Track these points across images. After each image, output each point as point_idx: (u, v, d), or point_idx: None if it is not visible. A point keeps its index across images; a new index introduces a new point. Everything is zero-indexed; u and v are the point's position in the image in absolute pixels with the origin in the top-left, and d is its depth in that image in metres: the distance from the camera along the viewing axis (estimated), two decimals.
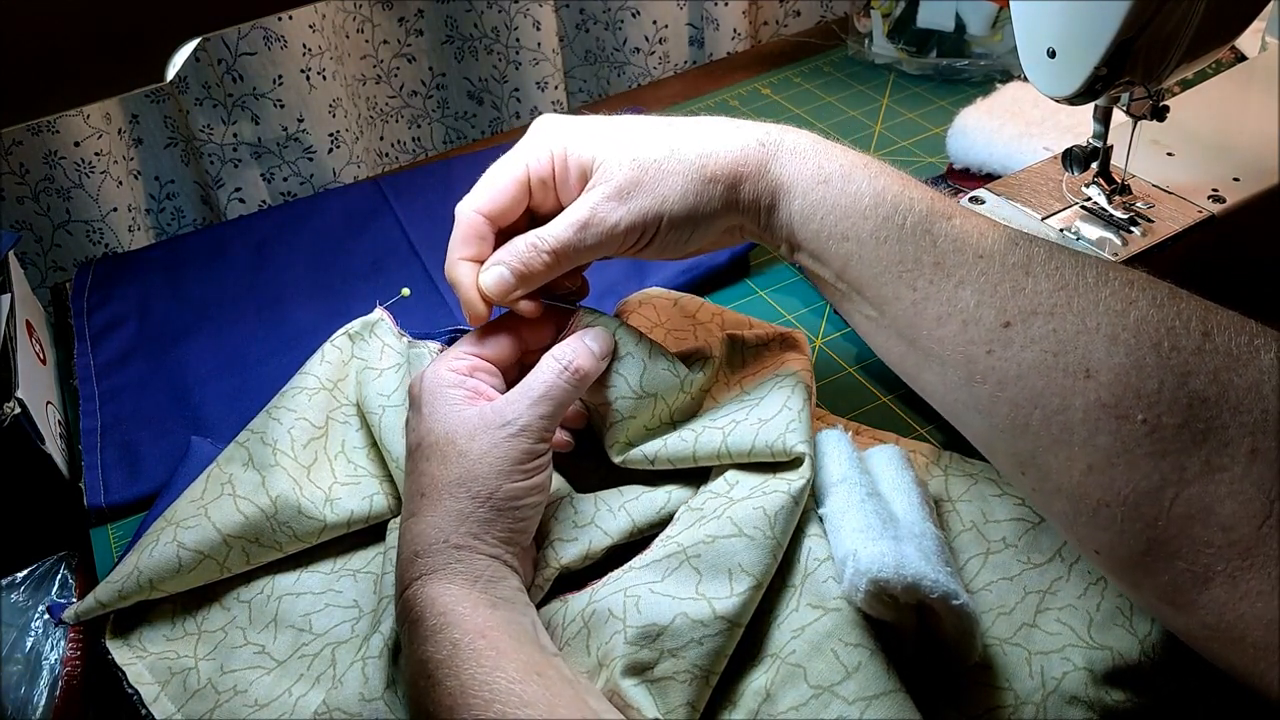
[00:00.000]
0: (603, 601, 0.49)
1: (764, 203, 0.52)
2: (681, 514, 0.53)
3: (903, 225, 0.49)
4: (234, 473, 0.58)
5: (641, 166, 0.52)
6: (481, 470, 0.49)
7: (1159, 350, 0.42)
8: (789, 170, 0.51)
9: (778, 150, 0.52)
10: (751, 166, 0.52)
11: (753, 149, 0.52)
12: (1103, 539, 0.43)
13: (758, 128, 0.53)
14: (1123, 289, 0.44)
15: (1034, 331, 0.44)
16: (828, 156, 0.51)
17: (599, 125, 0.54)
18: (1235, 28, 0.56)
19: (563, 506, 0.55)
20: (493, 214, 0.55)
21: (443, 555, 0.48)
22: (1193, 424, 0.40)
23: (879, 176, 0.50)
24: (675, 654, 0.47)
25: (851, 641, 0.47)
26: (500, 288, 0.53)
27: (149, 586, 0.54)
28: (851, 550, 0.48)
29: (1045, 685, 0.47)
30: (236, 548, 0.56)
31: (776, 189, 0.52)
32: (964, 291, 0.47)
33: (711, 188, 0.52)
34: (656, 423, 0.56)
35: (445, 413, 0.50)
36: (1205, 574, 0.40)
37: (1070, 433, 0.43)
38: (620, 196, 0.52)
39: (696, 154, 0.52)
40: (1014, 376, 0.45)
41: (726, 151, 0.52)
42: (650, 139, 0.53)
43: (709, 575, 0.49)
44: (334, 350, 0.64)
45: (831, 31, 1.07)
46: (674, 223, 0.52)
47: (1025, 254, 0.46)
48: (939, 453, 0.59)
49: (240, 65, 0.95)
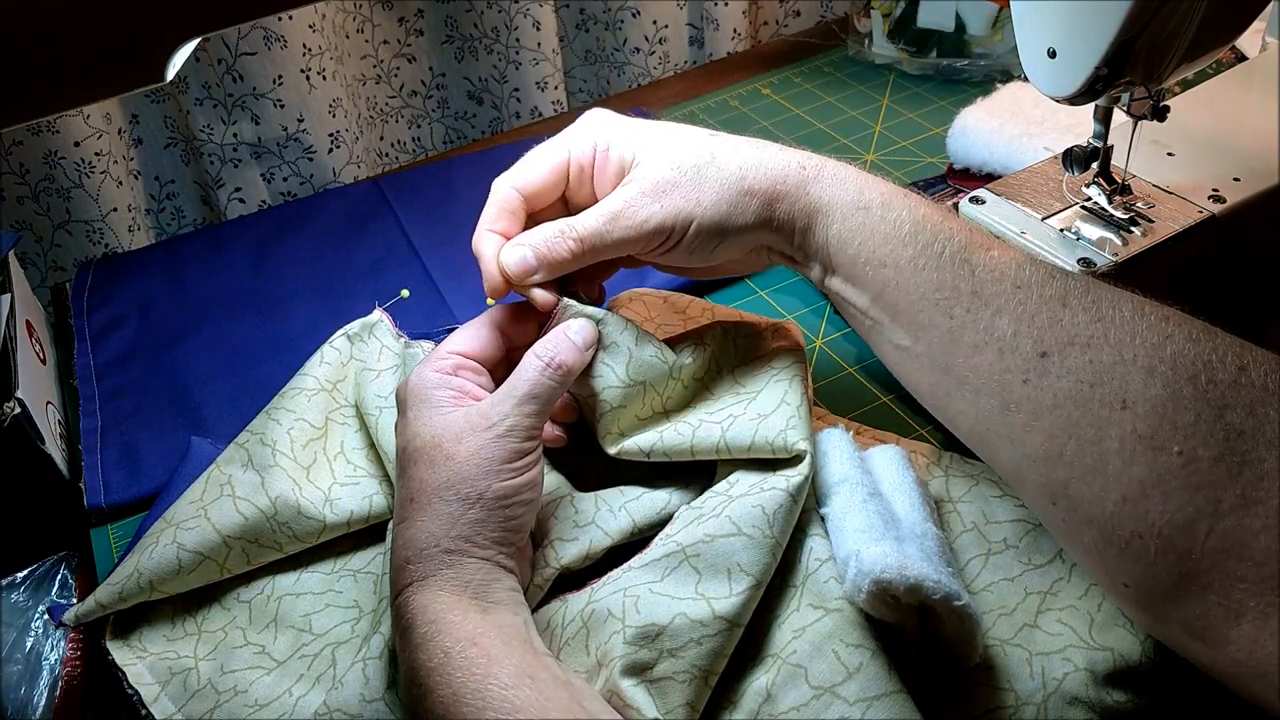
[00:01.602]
0: (602, 601, 0.49)
1: (799, 224, 0.52)
2: (681, 512, 0.53)
3: (941, 254, 0.49)
4: (233, 474, 0.58)
5: (680, 169, 0.52)
6: (470, 472, 0.48)
7: (1195, 383, 0.42)
8: (829, 193, 0.52)
9: (819, 174, 0.52)
10: (791, 185, 0.52)
11: (794, 169, 0.52)
12: (1134, 571, 0.43)
13: (801, 152, 0.54)
14: (1159, 324, 0.44)
15: (1070, 362, 0.45)
16: (869, 184, 0.52)
17: (645, 126, 0.55)
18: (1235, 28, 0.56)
19: (563, 506, 0.54)
20: (528, 192, 0.54)
21: (434, 561, 0.47)
22: (1229, 457, 0.40)
23: (919, 206, 0.51)
24: (674, 654, 0.46)
25: (853, 642, 0.47)
26: (521, 268, 0.52)
27: (149, 588, 0.54)
28: (854, 551, 0.48)
29: (1046, 686, 0.47)
30: (236, 549, 0.56)
31: (814, 211, 0.52)
32: (1001, 320, 0.47)
33: (747, 200, 0.52)
34: (649, 412, 0.55)
35: (431, 416, 0.50)
36: (1238, 609, 0.40)
37: (1105, 463, 0.43)
38: (655, 194, 0.52)
39: (737, 165, 0.52)
40: (1049, 406, 0.45)
41: (767, 168, 0.52)
42: (693, 145, 0.53)
43: (708, 575, 0.49)
44: (333, 351, 0.64)
45: (831, 31, 1.07)
46: (703, 228, 0.52)
47: (1062, 287, 0.47)
48: (939, 453, 0.59)
49: (240, 65, 0.95)
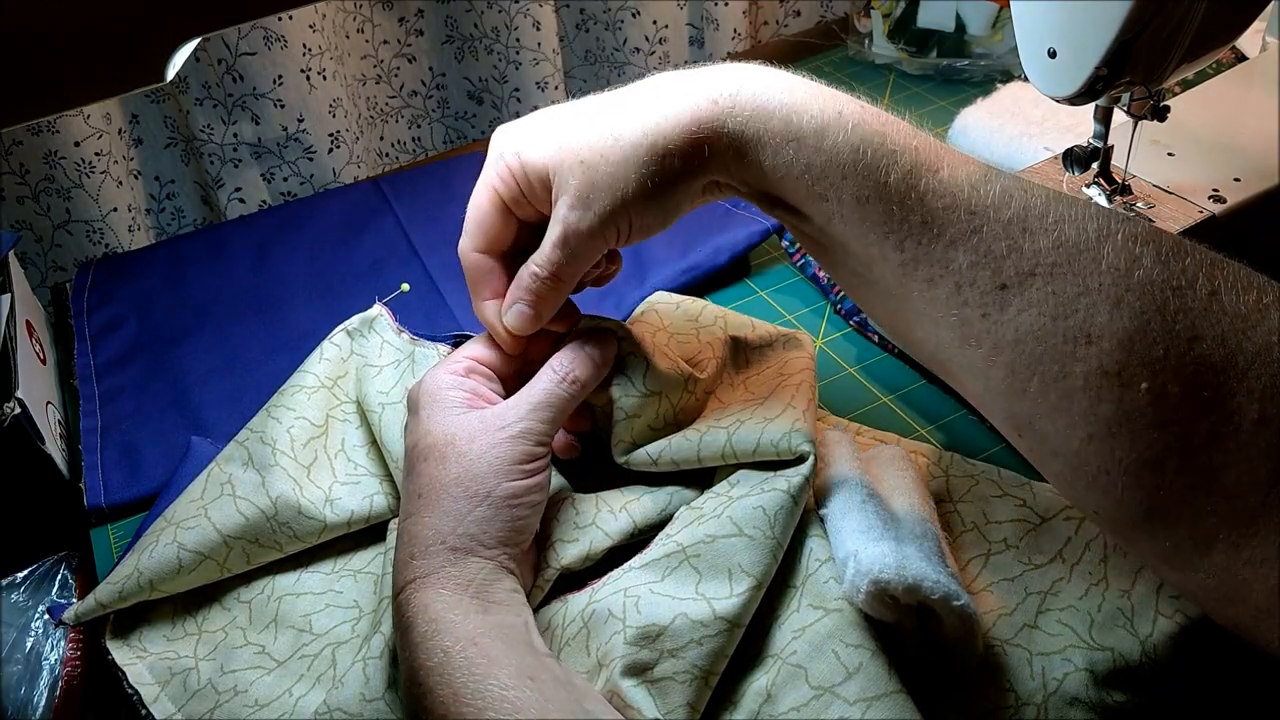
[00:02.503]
0: (602, 602, 0.49)
1: (730, 162, 0.48)
2: (681, 512, 0.53)
3: (885, 183, 0.44)
4: (234, 473, 0.58)
5: (588, 165, 0.49)
6: (480, 469, 0.48)
7: (1164, 313, 0.40)
8: (751, 128, 0.47)
9: (734, 105, 0.47)
10: (706, 129, 0.47)
11: (705, 110, 0.47)
12: (1102, 503, 0.42)
13: (710, 81, 0.48)
14: (1125, 244, 0.41)
15: (1032, 294, 0.42)
16: (796, 109, 0.46)
17: (545, 127, 0.51)
18: (1235, 28, 0.56)
19: (564, 507, 0.54)
20: (487, 248, 0.54)
21: (437, 558, 0.47)
22: (1198, 391, 0.39)
23: (858, 128, 0.45)
24: (675, 654, 0.46)
25: (853, 642, 0.46)
26: (524, 323, 0.52)
27: (149, 587, 0.54)
28: (853, 551, 0.48)
29: (1046, 686, 0.47)
30: (236, 548, 0.55)
31: (740, 147, 0.47)
32: (956, 252, 0.43)
33: (667, 162, 0.48)
34: (661, 422, 0.56)
35: (444, 415, 0.50)
36: (1207, 539, 0.39)
37: (1070, 400, 0.41)
38: (582, 203, 0.49)
39: (641, 133, 0.48)
40: (1010, 341, 0.43)
41: (674, 122, 0.47)
42: (592, 130, 0.49)
43: (709, 575, 0.49)
44: (333, 348, 0.64)
45: (831, 31, 1.07)
46: (641, 209, 0.49)
47: (1021, 206, 0.43)
48: (940, 453, 0.59)
49: (240, 65, 0.95)
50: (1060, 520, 0.53)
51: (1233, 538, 0.39)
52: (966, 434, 0.62)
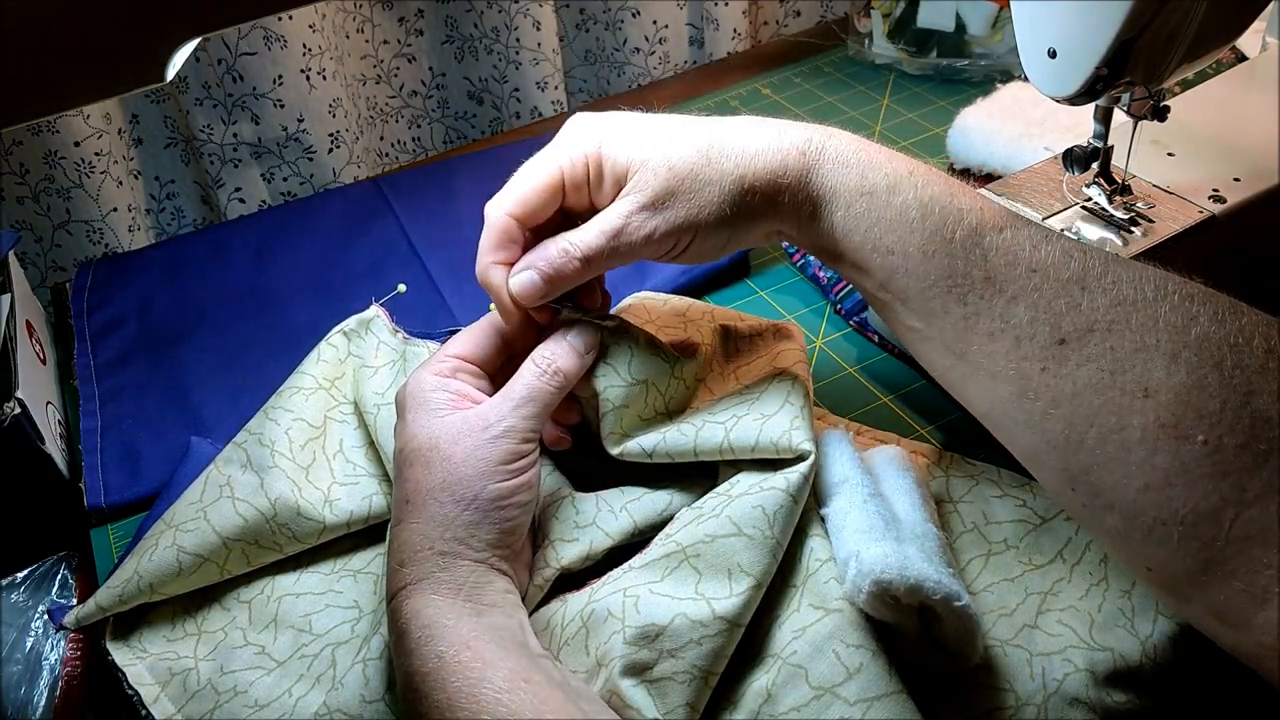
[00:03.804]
0: (602, 601, 0.49)
1: (804, 212, 0.51)
2: (681, 513, 0.53)
3: (951, 239, 0.47)
4: (232, 474, 0.58)
5: (676, 175, 0.50)
6: (466, 473, 0.48)
7: (1221, 369, 0.41)
8: (830, 180, 0.50)
9: (819, 159, 0.50)
10: (791, 177, 0.50)
11: (793, 158, 0.50)
12: (1157, 556, 0.42)
13: (800, 133, 0.51)
14: (1182, 303, 0.43)
15: (1090, 349, 0.43)
16: (872, 166, 0.49)
17: (635, 127, 0.52)
18: (1235, 28, 0.56)
19: (563, 506, 0.54)
20: (523, 217, 0.52)
21: (428, 563, 0.47)
22: (1255, 444, 0.40)
23: (926, 186, 0.48)
24: (674, 654, 0.46)
25: (853, 643, 0.46)
26: (530, 291, 0.51)
27: (149, 590, 0.54)
28: (854, 551, 0.48)
29: (1046, 687, 0.47)
30: (236, 550, 0.55)
31: (818, 199, 0.50)
32: (1017, 307, 0.45)
33: (749, 198, 0.50)
34: (651, 413, 0.55)
35: (428, 418, 0.50)
36: (1263, 595, 0.39)
37: (1127, 451, 0.42)
38: (655, 206, 0.50)
39: (734, 163, 0.50)
40: (1069, 394, 0.44)
41: (765, 161, 0.50)
42: (687, 143, 0.51)
43: (708, 575, 0.49)
44: (330, 349, 0.64)
45: (831, 31, 1.07)
46: (708, 233, 0.51)
47: (1080, 267, 0.45)
48: (940, 453, 0.59)
49: (240, 65, 0.95)
50: (1060, 520, 0.53)
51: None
52: (966, 434, 0.62)
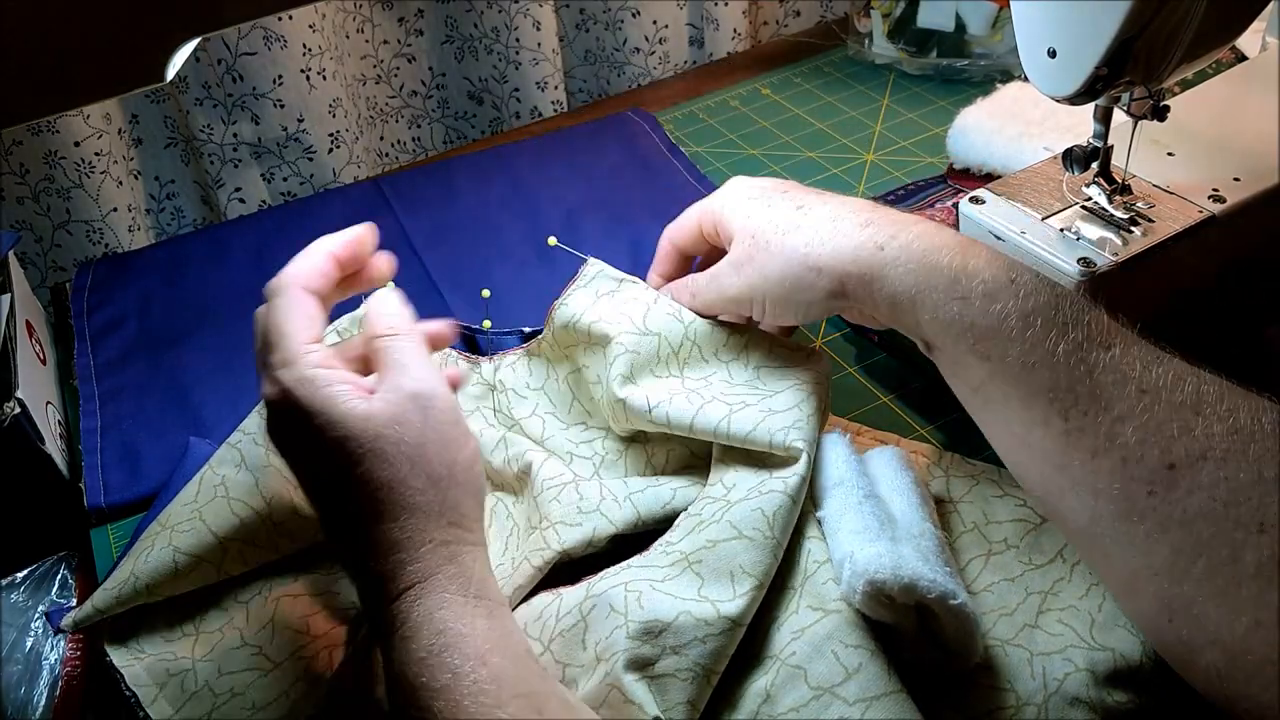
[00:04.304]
0: (602, 596, 0.49)
1: (881, 305, 0.51)
2: (681, 520, 0.53)
3: (1054, 351, 0.45)
4: (227, 474, 0.57)
5: (755, 244, 0.55)
6: (431, 450, 0.46)
7: None
8: (915, 280, 0.49)
9: (902, 257, 0.49)
10: (863, 267, 0.50)
11: (867, 251, 0.50)
12: (1260, 697, 0.40)
13: (887, 226, 0.51)
14: None
15: (1203, 477, 0.41)
16: (968, 271, 0.48)
17: (751, 196, 0.58)
18: (1235, 28, 0.56)
19: (566, 491, 0.54)
20: (679, 244, 0.63)
21: (433, 557, 0.45)
22: None
23: (1029, 297, 0.46)
24: (678, 651, 0.46)
25: (852, 643, 0.46)
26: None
27: (145, 592, 0.54)
28: (849, 552, 0.48)
29: (1047, 686, 0.47)
30: (233, 550, 0.55)
31: (897, 296, 0.49)
32: (1124, 427, 0.43)
33: (813, 277, 0.52)
34: (664, 370, 0.57)
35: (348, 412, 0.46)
36: None
37: (1238, 586, 0.40)
38: (736, 266, 0.56)
39: (804, 242, 0.53)
40: (1178, 522, 0.42)
41: (836, 247, 0.52)
42: (772, 218, 0.55)
43: (711, 579, 0.49)
44: None
45: (831, 31, 1.07)
46: (774, 300, 0.55)
47: (1195, 391, 0.43)
48: (940, 453, 0.59)
49: (240, 65, 0.95)
50: None
51: None
52: (966, 434, 0.62)
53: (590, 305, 0.60)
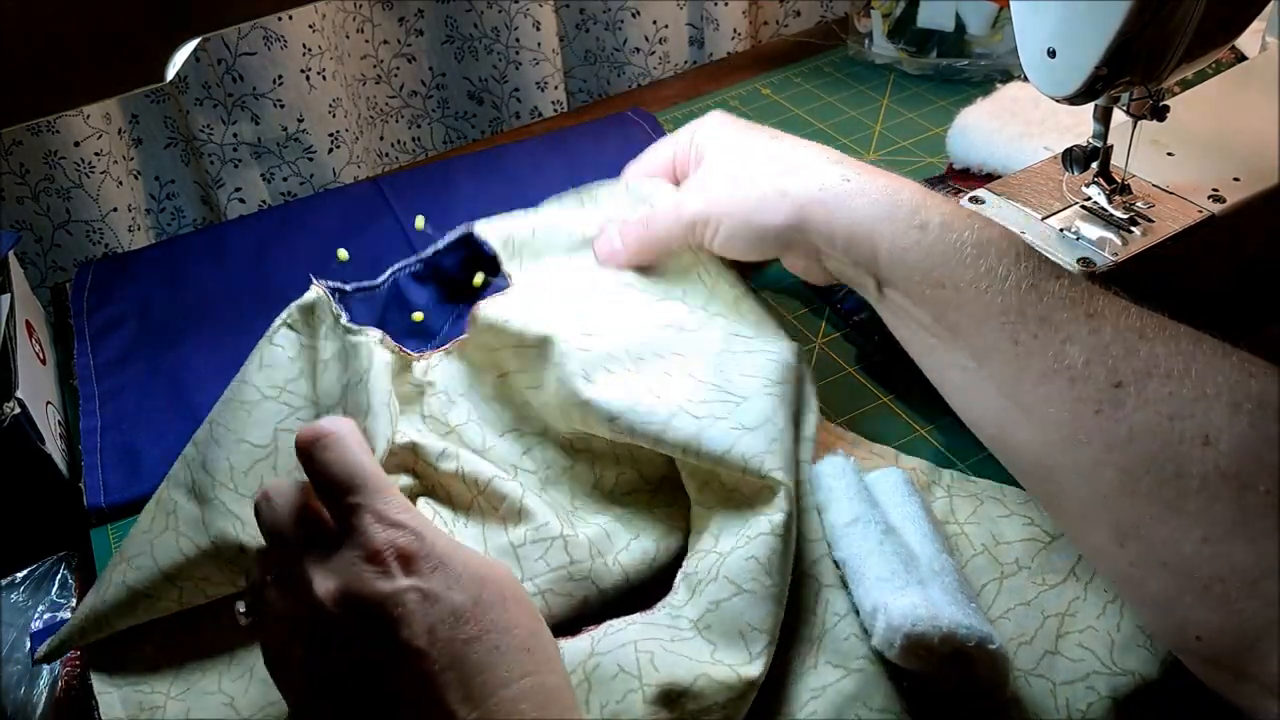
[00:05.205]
0: (609, 655, 0.47)
1: (839, 234, 0.52)
2: (679, 584, 0.51)
3: (1006, 278, 0.47)
4: (179, 501, 0.53)
5: (726, 162, 0.57)
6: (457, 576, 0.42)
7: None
8: (877, 209, 0.51)
9: (865, 188, 0.52)
10: (830, 194, 0.53)
11: (833, 180, 0.53)
12: (1210, 621, 0.40)
13: (855, 165, 0.54)
14: (1241, 363, 0.42)
15: (1149, 393, 0.42)
16: (928, 205, 0.51)
17: (730, 130, 0.60)
18: (1235, 28, 0.56)
19: (553, 550, 0.51)
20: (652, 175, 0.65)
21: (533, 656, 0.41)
22: None
23: (983, 230, 0.49)
24: (698, 717, 0.45)
25: (876, 706, 0.46)
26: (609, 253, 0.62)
27: (108, 624, 0.52)
28: (881, 603, 0.47)
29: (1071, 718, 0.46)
30: (189, 586, 0.52)
31: (857, 223, 0.52)
32: (1072, 348, 0.45)
33: (777, 198, 0.54)
34: (618, 365, 0.54)
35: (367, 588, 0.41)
36: None
37: (1184, 501, 0.40)
38: (701, 186, 0.58)
39: (775, 167, 0.55)
40: (1124, 439, 0.42)
41: (806, 174, 0.54)
42: (750, 142, 0.57)
43: (723, 643, 0.47)
44: (274, 350, 0.57)
45: (831, 31, 1.07)
46: (731, 224, 0.56)
47: (1139, 320, 0.45)
48: (938, 471, 0.58)
49: (240, 65, 0.95)
50: None
51: None
52: (966, 434, 0.62)
53: (519, 306, 0.57)
